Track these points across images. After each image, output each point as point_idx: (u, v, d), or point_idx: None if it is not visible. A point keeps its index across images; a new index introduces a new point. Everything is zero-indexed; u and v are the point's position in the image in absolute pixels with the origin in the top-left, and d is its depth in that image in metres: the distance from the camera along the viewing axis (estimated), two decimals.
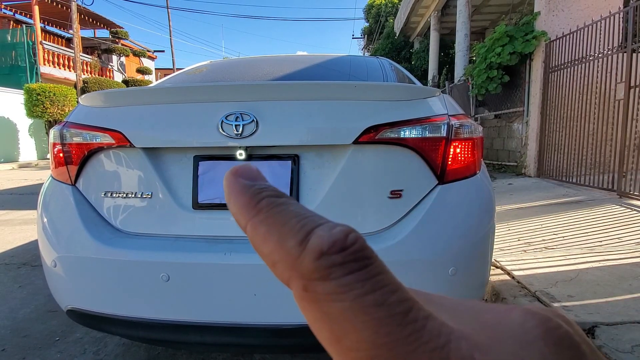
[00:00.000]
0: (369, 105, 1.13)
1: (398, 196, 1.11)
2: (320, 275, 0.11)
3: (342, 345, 0.11)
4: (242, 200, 0.14)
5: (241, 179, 0.14)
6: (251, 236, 0.13)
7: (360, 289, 0.11)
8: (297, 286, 0.12)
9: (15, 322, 1.87)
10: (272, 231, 0.12)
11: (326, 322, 0.11)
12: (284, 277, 0.12)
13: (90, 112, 1.22)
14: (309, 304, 0.11)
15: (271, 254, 0.12)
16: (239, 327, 1.07)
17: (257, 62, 2.20)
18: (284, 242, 0.12)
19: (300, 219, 0.12)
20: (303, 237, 0.12)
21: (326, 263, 0.11)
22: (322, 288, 0.11)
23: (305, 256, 0.11)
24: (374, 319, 0.10)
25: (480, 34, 11.78)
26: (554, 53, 5.16)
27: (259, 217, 0.13)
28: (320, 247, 0.11)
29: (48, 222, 1.22)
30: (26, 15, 16.58)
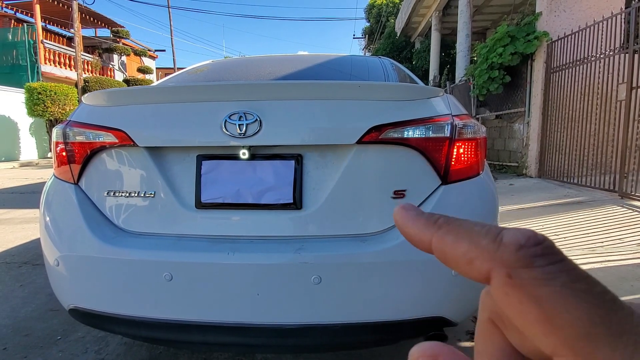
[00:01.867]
0: (373, 105, 1.12)
1: (401, 196, 1.11)
2: (524, 263, 0.13)
3: (553, 323, 0.12)
4: (420, 223, 0.16)
5: (411, 210, 0.17)
6: (439, 246, 0.15)
7: (566, 277, 0.12)
8: (500, 274, 0.13)
9: (16, 321, 1.87)
10: (461, 237, 0.14)
11: (535, 304, 0.12)
12: (482, 270, 0.14)
13: (93, 111, 1.22)
14: (514, 289, 0.13)
15: (466, 253, 0.14)
16: (241, 327, 1.06)
17: (259, 61, 2.20)
18: (477, 242, 0.14)
19: (482, 226, 0.15)
20: (495, 235, 0.14)
21: (528, 253, 0.13)
22: (528, 274, 0.12)
23: (505, 249, 0.13)
24: (587, 302, 0.12)
25: (482, 34, 11.78)
26: (555, 53, 5.15)
27: (442, 230, 0.15)
28: (518, 241, 0.13)
29: (51, 221, 1.22)
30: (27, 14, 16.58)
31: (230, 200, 1.12)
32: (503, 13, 9.65)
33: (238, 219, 1.14)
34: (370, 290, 1.05)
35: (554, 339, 0.12)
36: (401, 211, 0.17)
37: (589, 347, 0.11)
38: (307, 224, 1.11)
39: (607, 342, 0.11)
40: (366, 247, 1.06)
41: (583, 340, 0.11)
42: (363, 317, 1.07)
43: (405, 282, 1.07)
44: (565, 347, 0.12)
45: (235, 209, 1.13)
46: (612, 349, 0.11)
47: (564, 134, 4.99)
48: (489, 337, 0.17)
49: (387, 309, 1.07)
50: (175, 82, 1.91)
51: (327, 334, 1.07)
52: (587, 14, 5.03)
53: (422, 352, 0.16)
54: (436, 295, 1.09)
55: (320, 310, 1.06)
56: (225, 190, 1.12)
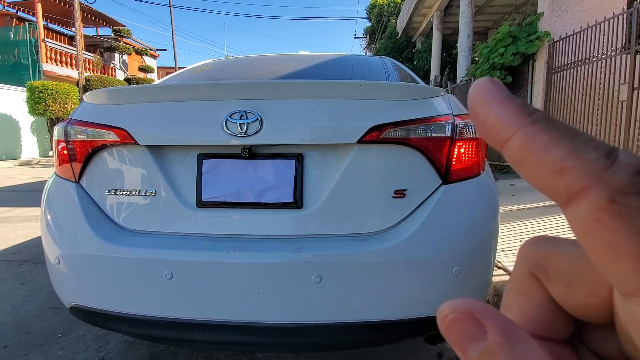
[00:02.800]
0: (374, 105, 1.12)
1: (402, 196, 1.11)
2: (637, 190, 0.11)
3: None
4: (511, 107, 0.13)
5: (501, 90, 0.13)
6: (525, 143, 0.12)
7: None
8: (599, 196, 0.11)
9: (17, 318, 1.87)
10: (561, 140, 0.12)
11: (634, 235, 0.11)
12: (573, 185, 0.11)
13: (94, 109, 1.22)
14: (613, 215, 0.11)
15: (560, 160, 0.12)
16: (241, 326, 1.07)
17: (260, 60, 2.20)
18: (582, 152, 0.11)
19: (589, 138, 0.12)
20: (609, 151, 0.11)
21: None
22: (638, 202, 0.11)
23: (619, 169, 0.11)
24: None
25: (483, 35, 11.76)
26: (557, 54, 5.15)
27: (537, 125, 0.12)
28: (637, 165, 0.11)
29: (52, 219, 1.22)
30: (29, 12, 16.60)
31: (231, 199, 1.12)
32: (505, 13, 9.64)
33: (239, 217, 1.14)
34: (370, 290, 1.05)
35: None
36: (487, 84, 0.13)
37: None
38: (307, 223, 1.11)
39: None
40: (366, 246, 1.06)
41: None
42: (363, 316, 1.07)
43: (405, 282, 1.07)
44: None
45: (236, 208, 1.13)
46: None
47: None
48: (525, 291, 0.15)
49: (387, 309, 1.07)
50: (177, 81, 1.91)
51: (327, 333, 1.07)
52: (589, 14, 5.02)
53: (453, 308, 0.14)
54: (436, 295, 1.09)
55: (320, 309, 1.06)
56: (226, 189, 1.12)
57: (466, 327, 0.13)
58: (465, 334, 0.13)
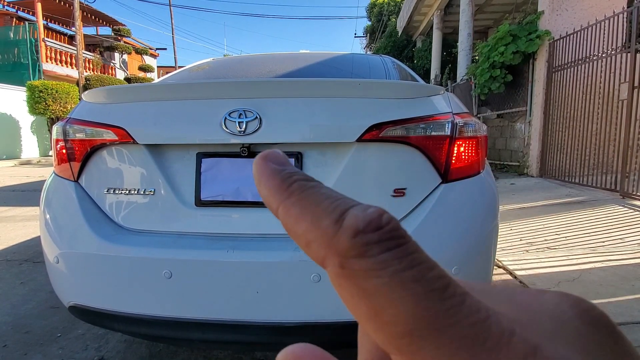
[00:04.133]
0: (373, 103, 1.12)
1: (401, 194, 1.11)
2: (357, 252, 0.11)
3: (380, 319, 0.11)
4: (273, 183, 0.14)
5: (271, 164, 0.14)
6: (283, 218, 0.13)
7: (398, 265, 0.11)
8: (334, 264, 0.12)
9: (16, 318, 1.87)
10: (306, 212, 0.12)
11: (364, 298, 0.11)
12: (318, 255, 0.12)
13: (93, 108, 1.22)
14: (346, 281, 0.11)
15: (305, 233, 0.12)
16: (241, 325, 1.06)
17: (260, 59, 2.20)
18: (318, 222, 0.12)
19: (333, 200, 0.12)
20: (338, 216, 0.12)
21: (363, 241, 0.11)
22: (359, 265, 0.11)
23: (342, 234, 0.11)
24: (413, 294, 0.11)
25: (484, 33, 11.75)
26: (557, 52, 5.14)
27: (291, 199, 0.13)
28: (356, 226, 0.11)
29: (51, 218, 1.22)
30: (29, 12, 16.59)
31: (230, 198, 1.12)
32: (505, 12, 9.63)
33: (238, 216, 1.13)
34: None
35: (382, 337, 0.11)
36: (260, 162, 0.14)
37: (412, 345, 0.10)
38: None
39: (431, 339, 0.10)
40: None
41: (407, 337, 0.10)
42: None
43: None
44: (391, 346, 0.11)
45: (235, 207, 1.13)
46: (436, 346, 0.10)
47: (566, 134, 4.98)
48: (361, 337, 0.15)
49: None
50: (176, 79, 1.90)
51: (327, 332, 1.07)
52: (589, 13, 5.01)
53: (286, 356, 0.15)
54: None
55: (319, 308, 1.06)
56: (225, 188, 1.12)
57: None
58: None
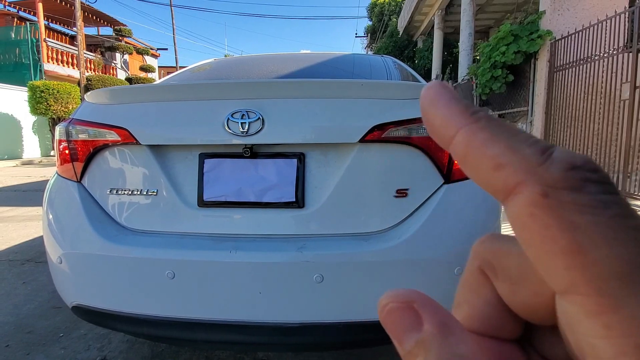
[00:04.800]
0: (376, 104, 1.12)
1: (404, 195, 1.11)
2: (572, 185, 0.11)
3: (584, 256, 0.10)
4: (456, 107, 0.13)
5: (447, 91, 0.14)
6: (467, 140, 0.12)
7: (619, 210, 0.10)
8: (532, 190, 0.11)
9: (19, 318, 1.87)
10: (500, 137, 0.12)
11: (568, 231, 0.10)
12: (509, 180, 0.11)
13: (96, 109, 1.22)
14: (545, 210, 0.11)
15: (497, 156, 0.12)
16: (243, 325, 1.07)
17: (261, 60, 2.20)
18: (519, 148, 0.11)
19: (529, 136, 0.12)
20: (544, 148, 0.11)
21: (580, 176, 0.11)
22: (573, 198, 0.11)
23: (552, 164, 0.11)
24: (634, 239, 0.10)
25: (485, 33, 11.73)
26: (558, 52, 5.13)
27: (478, 124, 0.12)
28: (572, 161, 0.11)
29: (53, 218, 1.22)
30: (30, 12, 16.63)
31: (233, 198, 1.12)
32: (506, 12, 9.62)
33: (240, 217, 1.14)
34: (372, 289, 1.05)
35: (577, 275, 0.10)
36: (435, 87, 0.14)
37: (625, 290, 0.10)
38: (309, 222, 1.11)
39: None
40: (368, 246, 1.06)
41: (619, 281, 0.10)
42: (365, 316, 1.06)
43: (407, 282, 1.07)
44: (590, 287, 0.10)
45: (238, 208, 1.13)
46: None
47: (567, 134, 4.97)
48: (475, 288, 0.15)
49: None
50: (178, 80, 1.91)
51: (329, 333, 1.07)
52: (591, 12, 5.01)
53: (393, 298, 0.14)
54: (438, 295, 1.08)
55: (322, 308, 1.06)
56: (228, 188, 1.12)
57: (403, 317, 0.13)
58: (402, 324, 0.13)
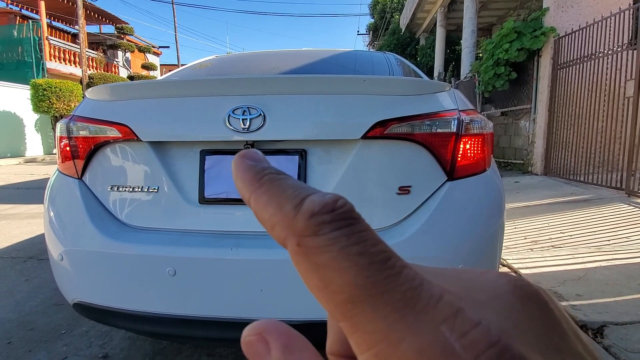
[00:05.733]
0: (378, 100, 1.11)
1: (406, 192, 1.10)
2: (311, 231, 0.13)
3: (328, 289, 0.12)
4: (247, 176, 0.15)
5: (247, 160, 0.16)
6: (254, 206, 0.15)
7: (346, 241, 0.12)
8: (292, 243, 0.13)
9: (21, 315, 1.88)
10: (272, 199, 0.14)
11: (316, 271, 0.13)
12: (280, 236, 0.14)
13: (97, 105, 1.22)
14: (301, 257, 0.13)
15: (270, 218, 0.14)
16: (245, 322, 1.06)
17: (263, 56, 2.19)
18: (281, 207, 0.14)
19: (296, 189, 0.14)
20: (298, 202, 0.14)
21: (316, 221, 0.13)
22: (313, 242, 0.13)
23: (299, 216, 0.13)
24: (356, 265, 0.12)
25: (488, 30, 11.67)
26: (562, 49, 5.10)
27: (261, 189, 0.15)
28: (312, 209, 0.13)
29: (55, 215, 1.22)
30: (32, 10, 16.65)
31: (234, 195, 1.11)
32: (509, 9, 9.56)
33: (241, 214, 1.13)
34: None
35: (331, 306, 0.12)
36: (237, 159, 0.16)
37: (354, 309, 0.12)
38: None
39: (369, 303, 0.12)
40: None
41: (349, 303, 0.12)
42: None
43: None
44: (338, 312, 0.12)
45: (239, 205, 1.13)
46: (373, 309, 0.12)
47: (571, 131, 4.94)
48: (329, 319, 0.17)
49: None
50: (179, 77, 1.90)
51: None
52: (595, 9, 4.97)
53: (249, 331, 0.16)
54: None
55: None
56: (229, 185, 1.12)
57: (257, 347, 0.15)
58: (257, 353, 0.15)
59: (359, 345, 0.12)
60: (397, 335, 0.11)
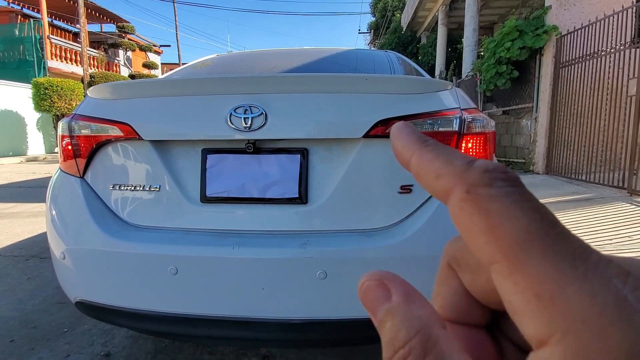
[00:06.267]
0: (380, 99, 1.11)
1: (408, 191, 1.10)
2: (486, 182, 0.14)
3: (495, 232, 0.13)
4: (412, 137, 0.17)
5: (409, 127, 0.17)
6: (417, 162, 0.16)
7: (518, 197, 0.13)
8: (461, 190, 0.14)
9: (24, 313, 1.88)
10: (441, 155, 0.15)
11: (483, 215, 0.13)
12: (446, 185, 0.14)
13: (98, 104, 1.22)
14: (469, 202, 0.14)
15: (438, 169, 0.15)
16: (246, 321, 1.06)
17: (264, 55, 2.19)
18: (451, 162, 0.15)
19: (463, 154, 0.15)
20: (470, 160, 0.15)
21: (492, 175, 0.14)
22: (486, 191, 0.13)
23: (473, 169, 0.14)
24: (530, 216, 0.13)
25: (489, 29, 11.64)
26: (564, 48, 5.08)
27: (427, 147, 0.16)
28: (487, 166, 0.14)
29: (57, 214, 1.22)
30: (34, 9, 16.67)
31: (235, 194, 1.11)
32: (511, 7, 9.53)
33: (243, 213, 1.13)
34: None
35: (492, 247, 0.13)
36: (398, 125, 0.18)
37: (522, 253, 0.12)
38: (312, 218, 1.10)
39: (539, 250, 0.12)
40: (372, 242, 1.05)
41: (518, 247, 0.12)
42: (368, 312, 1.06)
43: (411, 278, 1.05)
44: (500, 254, 0.13)
45: (241, 203, 1.13)
46: (542, 254, 0.12)
47: (573, 130, 4.93)
48: (446, 280, 0.18)
49: None
50: (180, 75, 1.90)
51: (332, 329, 1.06)
52: (597, 7, 4.94)
53: (368, 277, 0.17)
54: None
55: (325, 305, 1.05)
56: (230, 184, 1.12)
57: (377, 291, 0.16)
58: (376, 298, 0.16)
59: (517, 284, 0.12)
60: (566, 279, 0.11)
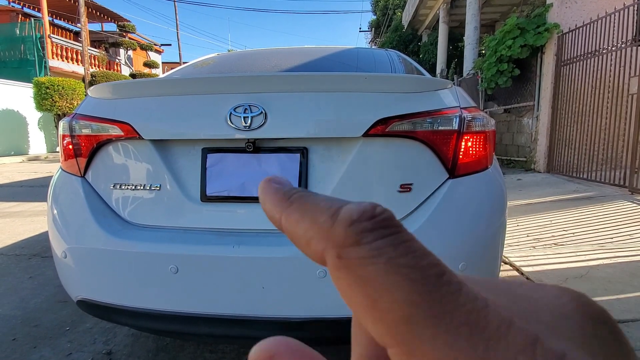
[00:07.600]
0: (379, 98, 1.11)
1: (408, 190, 1.10)
2: (353, 241, 0.11)
3: (377, 308, 0.11)
4: (275, 197, 0.15)
5: (274, 183, 0.16)
6: (285, 225, 0.14)
7: (392, 252, 0.11)
8: (332, 256, 0.12)
9: (26, 312, 1.89)
10: (306, 214, 0.13)
11: (360, 286, 0.11)
12: (318, 251, 0.12)
13: (99, 103, 1.22)
14: (343, 270, 0.11)
15: (305, 232, 0.13)
16: (247, 320, 1.07)
17: (265, 54, 2.19)
18: (316, 219, 0.13)
19: (329, 200, 0.13)
20: (334, 211, 0.12)
21: (357, 229, 0.12)
22: (355, 253, 0.11)
23: (337, 226, 0.12)
24: (408, 279, 0.11)
25: (491, 27, 11.60)
26: (566, 46, 5.07)
27: (292, 206, 0.14)
28: (351, 216, 0.12)
29: (58, 213, 1.22)
30: (34, 8, 16.67)
31: (236, 193, 1.12)
32: (512, 5, 9.49)
33: (243, 212, 1.13)
34: None
35: (380, 327, 0.11)
36: (264, 183, 0.16)
37: (410, 332, 0.10)
38: None
39: (428, 326, 0.10)
40: None
41: (404, 324, 0.10)
42: None
43: None
44: (389, 336, 0.10)
45: (241, 202, 1.13)
46: (433, 333, 0.10)
47: (574, 129, 4.92)
48: (355, 333, 0.15)
49: None
50: (181, 75, 1.90)
51: (332, 328, 1.07)
52: (599, 5, 4.93)
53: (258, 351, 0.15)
54: None
55: (325, 304, 1.06)
56: (231, 183, 1.12)
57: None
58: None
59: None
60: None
